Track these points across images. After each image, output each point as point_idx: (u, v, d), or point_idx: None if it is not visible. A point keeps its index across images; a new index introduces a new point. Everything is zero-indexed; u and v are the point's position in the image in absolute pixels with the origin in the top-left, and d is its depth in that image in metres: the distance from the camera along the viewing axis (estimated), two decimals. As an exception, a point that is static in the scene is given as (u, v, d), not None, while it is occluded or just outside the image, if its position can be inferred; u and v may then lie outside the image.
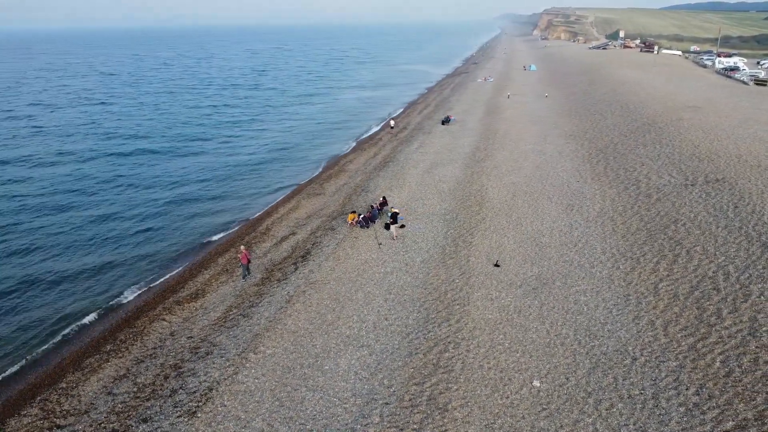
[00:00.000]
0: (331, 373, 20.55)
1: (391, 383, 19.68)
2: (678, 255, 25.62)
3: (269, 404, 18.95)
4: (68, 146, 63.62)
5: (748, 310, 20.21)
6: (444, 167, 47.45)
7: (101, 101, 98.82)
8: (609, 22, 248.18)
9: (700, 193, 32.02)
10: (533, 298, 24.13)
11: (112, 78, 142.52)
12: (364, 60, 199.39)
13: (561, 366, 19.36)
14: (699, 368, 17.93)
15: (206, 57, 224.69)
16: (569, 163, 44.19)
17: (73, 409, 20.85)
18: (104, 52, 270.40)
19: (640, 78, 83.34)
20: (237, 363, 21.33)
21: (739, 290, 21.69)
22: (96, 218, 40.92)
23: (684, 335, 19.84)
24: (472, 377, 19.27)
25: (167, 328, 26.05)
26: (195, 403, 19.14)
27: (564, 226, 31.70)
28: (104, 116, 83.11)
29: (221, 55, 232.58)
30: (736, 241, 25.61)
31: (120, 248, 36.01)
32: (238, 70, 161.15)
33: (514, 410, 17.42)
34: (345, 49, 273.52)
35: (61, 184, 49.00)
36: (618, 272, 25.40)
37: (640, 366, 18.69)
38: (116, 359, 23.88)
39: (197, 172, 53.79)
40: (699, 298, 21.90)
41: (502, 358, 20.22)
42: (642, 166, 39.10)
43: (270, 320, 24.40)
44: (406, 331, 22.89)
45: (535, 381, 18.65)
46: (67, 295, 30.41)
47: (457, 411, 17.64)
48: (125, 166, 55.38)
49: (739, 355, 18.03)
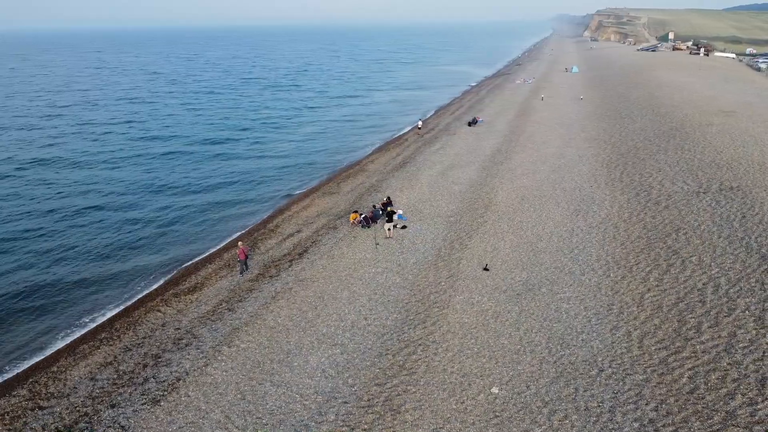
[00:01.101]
0: (299, 369, 20.76)
1: (354, 383, 19.74)
2: (672, 265, 24.63)
3: (231, 397, 19.31)
4: (104, 142, 66.30)
5: (729, 325, 19.25)
6: (460, 169, 47.07)
7: (145, 100, 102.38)
8: (663, 24, 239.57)
9: (710, 202, 30.64)
10: (514, 304, 23.70)
11: (161, 76, 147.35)
12: (407, 61, 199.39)
13: (525, 374, 18.95)
14: (664, 383, 17.22)
15: (254, 57, 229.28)
16: (587, 168, 43.05)
17: (57, 391, 21.72)
18: (156, 51, 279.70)
19: (682, 81, 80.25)
20: (210, 355, 21.84)
21: (725, 304, 20.68)
22: (120, 215, 42.12)
23: (658, 348, 19.08)
24: (433, 380, 19.11)
25: (160, 319, 26.79)
26: (161, 392, 19.72)
27: (565, 231, 30.95)
28: (144, 115, 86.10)
29: (268, 56, 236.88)
30: (735, 252, 24.40)
31: (138, 244, 36.80)
32: (283, 70, 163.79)
33: (465, 416, 17.18)
34: (392, 49, 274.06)
35: (92, 180, 51.10)
36: (607, 280, 24.64)
37: (605, 378, 18.09)
38: (107, 347, 24.75)
39: (225, 169, 54.86)
40: (682, 310, 21.01)
41: (468, 362, 19.96)
42: (658, 172, 37.70)
43: (252, 315, 24.86)
44: (382, 332, 22.89)
45: (494, 388, 18.33)
46: (81, 287, 31.28)
47: (408, 413, 17.55)
48: (158, 162, 57.24)
49: (708, 371, 17.20)
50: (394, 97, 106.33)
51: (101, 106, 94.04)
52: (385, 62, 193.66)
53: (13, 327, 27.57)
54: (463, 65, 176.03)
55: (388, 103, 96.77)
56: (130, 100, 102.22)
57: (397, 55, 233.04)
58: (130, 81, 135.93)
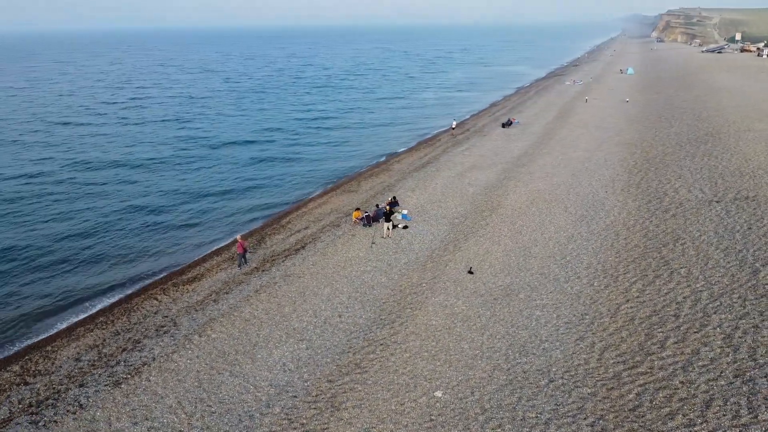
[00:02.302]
0: (261, 362, 21.17)
1: (309, 378, 19.97)
2: (659, 276, 23.47)
3: (188, 384, 19.94)
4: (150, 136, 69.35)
5: (695, 342, 18.19)
6: (480, 171, 46.43)
7: (197, 97, 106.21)
8: (736, 24, 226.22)
9: (720, 211, 28.93)
10: (487, 309, 23.26)
11: (217, 74, 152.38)
12: (463, 61, 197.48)
13: (474, 379, 18.61)
14: (609, 398, 16.50)
15: (310, 56, 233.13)
16: (608, 172, 41.50)
17: (44, 369, 23.02)
18: (219, 50, 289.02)
19: (737, 85, 75.81)
20: (180, 343, 22.60)
21: (699, 319, 19.54)
22: (149, 206, 43.77)
23: (616, 362, 18.28)
24: (381, 380, 19.07)
25: (155, 307, 27.86)
26: (125, 375, 20.60)
27: (564, 237, 30.04)
28: (193, 113, 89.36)
29: (325, 55, 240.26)
30: (727, 265, 22.98)
31: (160, 234, 37.81)
32: (336, 70, 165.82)
33: (401, 417, 17.07)
34: (450, 49, 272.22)
35: (127, 173, 53.61)
36: (590, 289, 23.77)
37: (552, 389, 17.52)
38: (100, 330, 25.99)
39: (258, 165, 56.01)
40: (654, 323, 20.01)
41: (421, 365, 19.78)
42: (678, 179, 35.89)
43: (231, 307, 25.51)
44: (351, 330, 23.01)
45: (438, 392, 18.10)
46: (96, 272, 32.64)
47: (346, 411, 17.61)
48: (195, 156, 59.36)
49: (659, 389, 16.34)
50: (441, 97, 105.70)
51: (157, 102, 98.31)
52: (440, 62, 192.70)
53: (26, 308, 29.14)
54: (520, 65, 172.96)
55: (433, 104, 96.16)
56: (184, 97, 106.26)
57: (455, 55, 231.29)
58: (188, 78, 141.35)
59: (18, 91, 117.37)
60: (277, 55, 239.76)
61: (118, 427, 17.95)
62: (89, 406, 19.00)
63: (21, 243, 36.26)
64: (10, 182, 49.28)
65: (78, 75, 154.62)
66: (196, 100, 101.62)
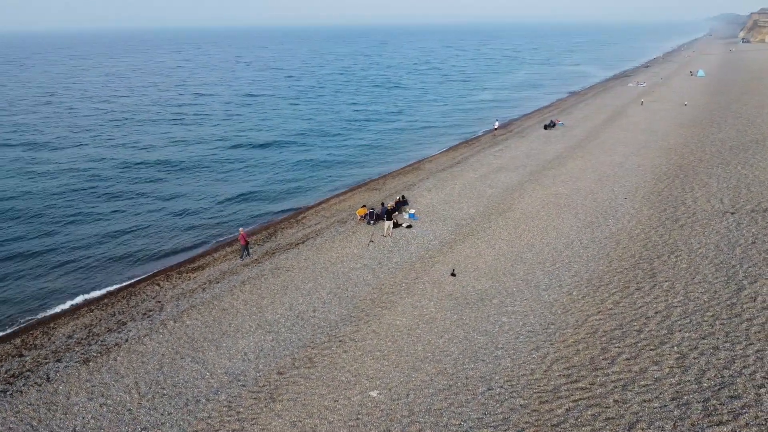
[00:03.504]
0: (224, 350, 21.80)
1: (263, 369, 20.38)
2: (640, 288, 22.21)
3: (150, 366, 20.84)
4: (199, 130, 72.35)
5: (647, 360, 17.12)
6: (505, 173, 45.43)
7: (257, 93, 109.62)
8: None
9: (731, 223, 26.95)
10: (456, 312, 22.86)
11: (281, 72, 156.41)
12: (529, 61, 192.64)
13: (415, 382, 18.39)
14: (538, 412, 15.86)
15: (376, 54, 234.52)
16: (636, 179, 39.51)
17: (39, 344, 24.67)
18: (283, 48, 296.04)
19: (812, 88, 69.84)
20: (155, 327, 23.62)
21: (661, 336, 18.36)
22: (179, 198, 45.81)
23: (561, 375, 17.53)
24: (325, 376, 19.20)
25: (155, 293, 29.20)
26: (95, 354, 21.78)
27: (562, 244, 28.98)
28: (250, 108, 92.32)
29: (390, 53, 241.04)
30: (714, 281, 21.41)
31: (183, 225, 39.47)
32: (397, 69, 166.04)
33: (329, 413, 17.15)
34: (519, 49, 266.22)
35: (167, 164, 56.27)
36: (566, 298, 22.84)
37: (486, 398, 17.04)
38: (99, 311, 27.52)
39: (297, 161, 56.97)
40: (614, 337, 19.00)
41: (369, 363, 19.74)
42: (702, 188, 33.69)
43: (214, 296, 26.36)
44: (320, 325, 23.25)
45: (374, 391, 18.02)
46: (114, 258, 34.45)
47: (281, 403, 17.87)
48: (239, 153, 61.48)
49: (589, 406, 15.54)
50: (497, 97, 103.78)
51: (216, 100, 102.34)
52: (505, 62, 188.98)
53: (46, 287, 31.09)
54: (588, 66, 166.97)
55: (487, 105, 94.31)
56: (246, 93, 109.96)
57: (522, 54, 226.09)
58: (252, 75, 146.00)
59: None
60: (343, 53, 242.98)
61: (74, 401, 19.02)
62: (55, 380, 20.23)
63: (61, 229, 38.87)
64: (62, 175, 52.88)
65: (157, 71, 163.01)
66: (253, 98, 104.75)
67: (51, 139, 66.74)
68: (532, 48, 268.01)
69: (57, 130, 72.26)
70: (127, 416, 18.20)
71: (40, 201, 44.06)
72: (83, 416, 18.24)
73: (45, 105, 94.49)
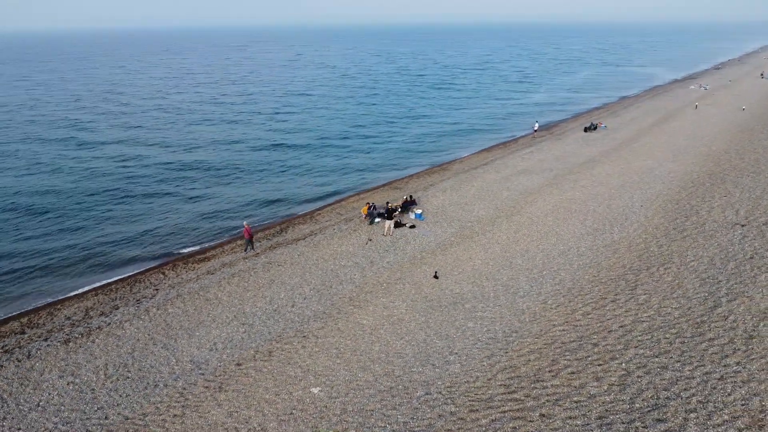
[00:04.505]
0: (196, 339, 22.53)
1: (225, 359, 20.93)
2: (615, 300, 21.19)
3: (123, 350, 21.84)
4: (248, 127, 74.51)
5: (590, 375, 16.34)
6: (527, 176, 44.34)
7: (312, 92, 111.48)
8: None
9: (736, 236, 25.18)
10: (425, 314, 22.62)
11: (336, 70, 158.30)
12: (593, 61, 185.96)
13: (359, 381, 18.39)
14: (464, 421, 15.49)
15: (436, 53, 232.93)
16: (660, 186, 37.57)
17: (41, 323, 26.31)
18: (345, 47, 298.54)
19: None
20: (138, 313, 24.69)
21: (615, 351, 17.46)
22: (213, 195, 47.44)
23: (501, 384, 17.03)
24: (276, 370, 19.51)
25: (158, 280, 30.49)
26: (77, 335, 23.03)
27: (557, 250, 28.03)
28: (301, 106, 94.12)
29: (451, 53, 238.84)
30: (694, 296, 20.11)
31: (209, 217, 40.91)
32: (455, 69, 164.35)
33: (265, 406, 17.44)
34: (585, 49, 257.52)
35: (207, 159, 58.30)
36: (539, 307, 22.12)
37: (421, 402, 16.81)
38: (103, 295, 29.01)
39: (335, 159, 57.43)
40: (568, 350, 18.24)
41: (322, 360, 19.89)
42: (723, 197, 31.63)
43: (203, 287, 27.23)
44: (293, 320, 23.62)
45: (316, 388, 18.16)
46: (135, 245, 36.01)
47: (226, 394, 18.31)
48: (277, 150, 62.94)
49: (513, 419, 15.01)
50: (550, 99, 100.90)
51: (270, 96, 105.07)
52: (569, 63, 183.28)
53: (65, 273, 32.76)
54: (655, 67, 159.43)
55: (537, 106, 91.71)
56: (298, 93, 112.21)
57: (588, 55, 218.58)
58: (309, 74, 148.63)
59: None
60: (403, 52, 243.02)
61: (46, 377, 20.22)
62: (35, 357, 21.56)
63: (86, 217, 41.13)
64: (101, 162, 55.90)
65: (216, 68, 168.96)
66: (306, 97, 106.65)
67: (105, 135, 70.59)
68: (600, 48, 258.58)
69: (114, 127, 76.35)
70: (89, 395, 19.16)
71: (81, 194, 46.55)
72: (49, 392, 19.35)
73: (105, 101, 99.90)
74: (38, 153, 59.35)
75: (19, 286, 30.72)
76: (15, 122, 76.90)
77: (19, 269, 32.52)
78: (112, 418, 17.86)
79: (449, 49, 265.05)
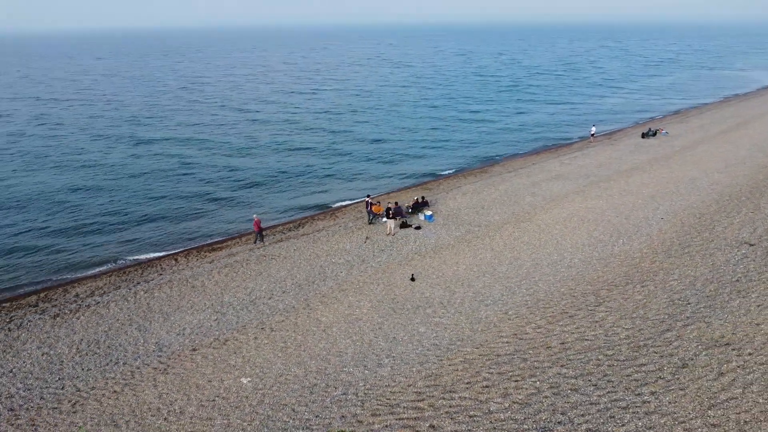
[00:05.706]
0: (169, 324, 23.76)
1: (188, 345, 21.91)
2: (573, 316, 20.14)
3: (101, 328, 23.44)
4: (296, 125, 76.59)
5: (500, 391, 15.68)
6: (559, 181, 42.73)
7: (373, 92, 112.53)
8: None
9: (735, 256, 23.07)
10: (383, 316, 22.59)
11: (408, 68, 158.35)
12: (686, 63, 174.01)
13: (288, 376, 18.74)
14: (362, 424, 15.42)
15: (517, 52, 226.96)
16: (694, 198, 35.00)
17: (53, 298, 28.44)
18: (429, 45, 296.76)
19: None
20: (127, 296, 26.34)
21: (540, 368, 16.60)
22: (240, 185, 49.50)
23: (416, 392, 16.74)
24: (220, 358, 20.25)
25: (170, 267, 32.16)
26: (67, 311, 24.95)
27: (548, 262, 26.94)
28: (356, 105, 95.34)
29: (533, 53, 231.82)
30: (653, 317, 18.69)
31: (236, 209, 42.77)
32: (533, 70, 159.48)
33: (194, 391, 18.19)
34: (685, 50, 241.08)
35: (245, 153, 60.55)
36: (498, 317, 21.45)
37: (333, 402, 16.88)
38: (116, 277, 30.99)
39: (383, 155, 57.79)
40: (498, 362, 17.59)
41: (265, 353, 20.42)
42: (748, 213, 29.01)
43: (194, 275, 28.58)
44: (263, 312, 24.34)
45: (245, 378, 18.69)
46: (161, 233, 38.23)
47: (165, 377, 19.28)
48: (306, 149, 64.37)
49: (405, 426, 14.70)
50: (626, 101, 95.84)
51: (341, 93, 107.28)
52: (657, 64, 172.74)
53: (86, 254, 35.33)
54: (757, 71, 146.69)
55: (610, 109, 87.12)
56: (357, 91, 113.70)
57: (684, 56, 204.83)
58: (387, 71, 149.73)
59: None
60: (485, 52, 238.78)
61: (27, 347, 22.13)
62: (23, 327, 23.64)
63: (116, 207, 44.09)
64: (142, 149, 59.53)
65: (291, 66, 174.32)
66: (373, 95, 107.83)
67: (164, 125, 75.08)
68: (698, 50, 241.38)
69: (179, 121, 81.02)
70: (56, 366, 20.78)
71: (123, 181, 49.80)
72: (24, 360, 21.19)
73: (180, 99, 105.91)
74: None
75: (54, 261, 33.36)
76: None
77: (62, 248, 35.26)
78: (66, 389, 19.27)
79: (538, 50, 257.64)
